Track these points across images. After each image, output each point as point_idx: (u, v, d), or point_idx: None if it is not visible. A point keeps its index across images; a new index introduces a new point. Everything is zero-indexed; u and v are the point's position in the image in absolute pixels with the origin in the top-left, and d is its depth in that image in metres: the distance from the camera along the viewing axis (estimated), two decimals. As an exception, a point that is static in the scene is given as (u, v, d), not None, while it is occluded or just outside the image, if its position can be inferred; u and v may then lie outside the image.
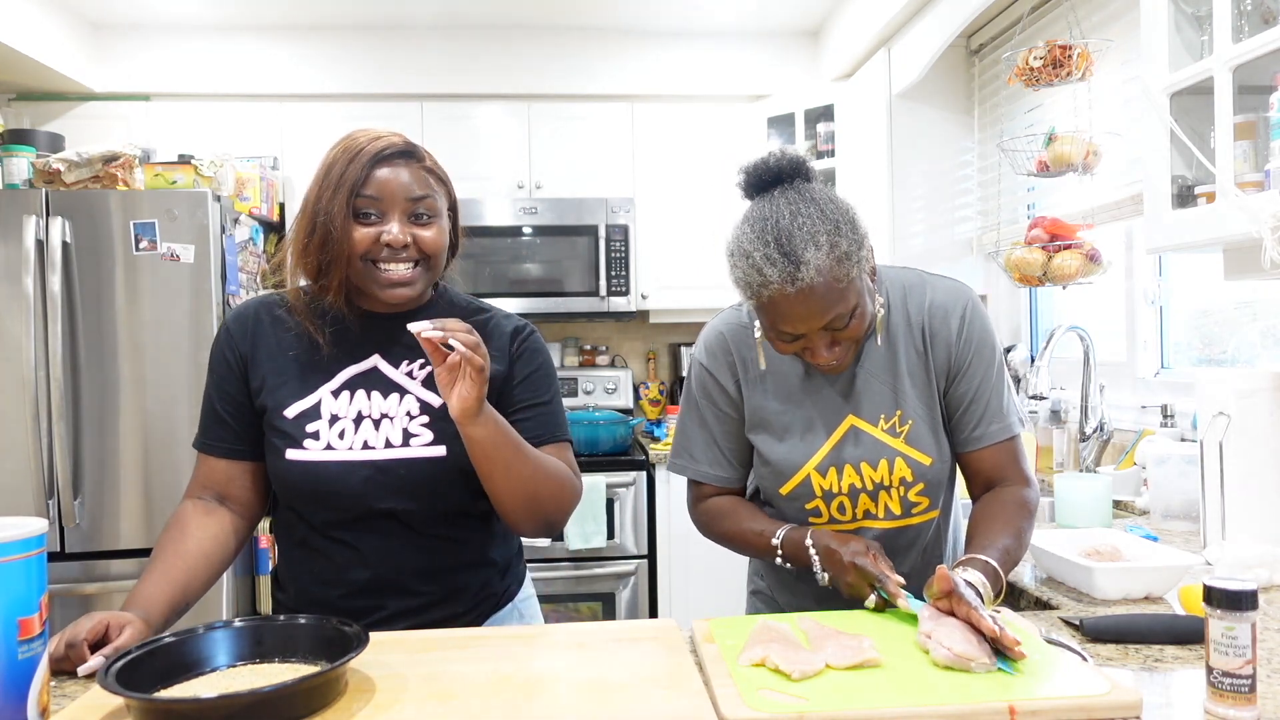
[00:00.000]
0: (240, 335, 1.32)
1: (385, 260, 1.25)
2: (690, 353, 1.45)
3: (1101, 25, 2.46)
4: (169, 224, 2.71)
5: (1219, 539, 1.56)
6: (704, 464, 1.43)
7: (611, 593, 3.27)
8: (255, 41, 3.57)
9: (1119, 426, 2.38)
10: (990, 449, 1.34)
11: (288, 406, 1.28)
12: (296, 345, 1.31)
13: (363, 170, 1.23)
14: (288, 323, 1.32)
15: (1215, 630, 0.91)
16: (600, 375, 3.87)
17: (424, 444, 1.27)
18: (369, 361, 1.31)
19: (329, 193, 1.24)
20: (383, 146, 1.26)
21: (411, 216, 1.26)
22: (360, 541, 1.27)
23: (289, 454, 1.26)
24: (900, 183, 3.16)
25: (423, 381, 1.31)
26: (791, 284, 1.16)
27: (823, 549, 1.26)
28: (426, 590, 1.30)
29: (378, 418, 1.28)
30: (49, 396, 2.65)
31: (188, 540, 1.26)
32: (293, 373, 1.30)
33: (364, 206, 1.24)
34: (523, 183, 3.61)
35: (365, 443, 1.27)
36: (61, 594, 2.65)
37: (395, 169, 1.26)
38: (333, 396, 1.29)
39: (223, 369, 1.32)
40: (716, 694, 0.95)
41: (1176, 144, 1.60)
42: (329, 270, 1.25)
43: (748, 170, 1.26)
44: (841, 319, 1.20)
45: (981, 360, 1.34)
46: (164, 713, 0.89)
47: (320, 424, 1.27)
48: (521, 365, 1.35)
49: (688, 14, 3.54)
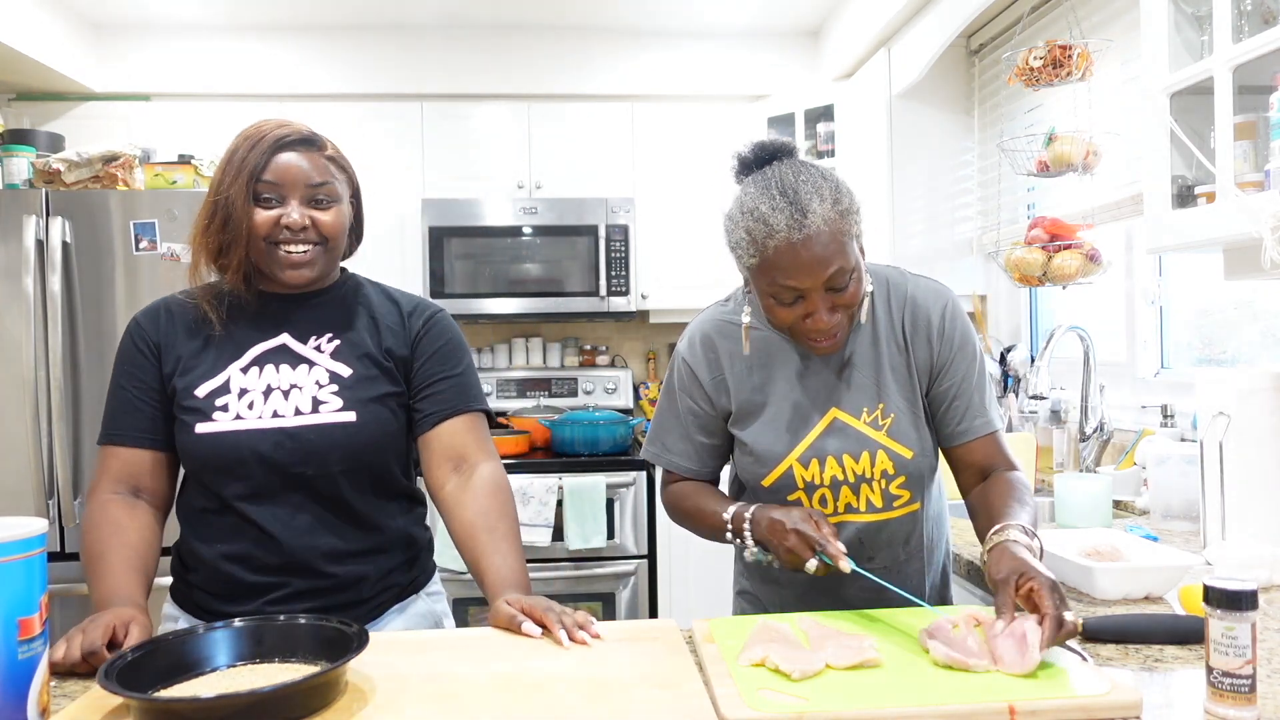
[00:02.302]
0: (151, 327, 1.36)
1: (286, 242, 1.30)
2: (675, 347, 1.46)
3: (1101, 25, 2.46)
4: (169, 224, 2.71)
5: (1219, 539, 1.56)
6: (675, 455, 1.46)
7: (611, 593, 3.27)
8: (255, 41, 3.57)
9: (1119, 426, 2.38)
10: (978, 442, 1.36)
11: (198, 386, 1.31)
12: (205, 330, 1.35)
13: (263, 156, 1.29)
14: (194, 311, 1.36)
15: (1215, 630, 0.91)
16: (600, 375, 3.87)
17: (334, 410, 1.31)
18: (277, 339, 1.35)
19: (230, 177, 1.28)
20: (284, 134, 1.31)
21: (311, 201, 1.31)
22: (271, 518, 1.28)
23: (198, 428, 1.28)
24: (900, 183, 3.16)
25: (331, 354, 1.35)
26: (799, 230, 1.19)
27: (765, 520, 1.27)
28: (332, 573, 1.30)
29: (287, 388, 1.32)
30: (49, 396, 2.65)
31: (128, 531, 1.27)
32: (204, 355, 1.33)
33: (264, 191, 1.29)
34: (523, 183, 3.61)
35: (275, 411, 1.30)
36: (61, 594, 2.65)
37: (295, 155, 1.31)
38: (242, 373, 1.32)
39: (135, 358, 1.35)
40: (716, 694, 0.95)
41: (1176, 144, 1.60)
42: (229, 250, 1.30)
43: (746, 147, 1.31)
44: (843, 275, 1.22)
45: (964, 357, 1.36)
46: (164, 713, 0.90)
47: (229, 398, 1.30)
48: (427, 343, 1.40)
49: (688, 14, 3.54)
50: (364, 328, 1.39)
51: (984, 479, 1.37)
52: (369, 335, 1.38)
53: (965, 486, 1.40)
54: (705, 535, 1.44)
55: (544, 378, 3.84)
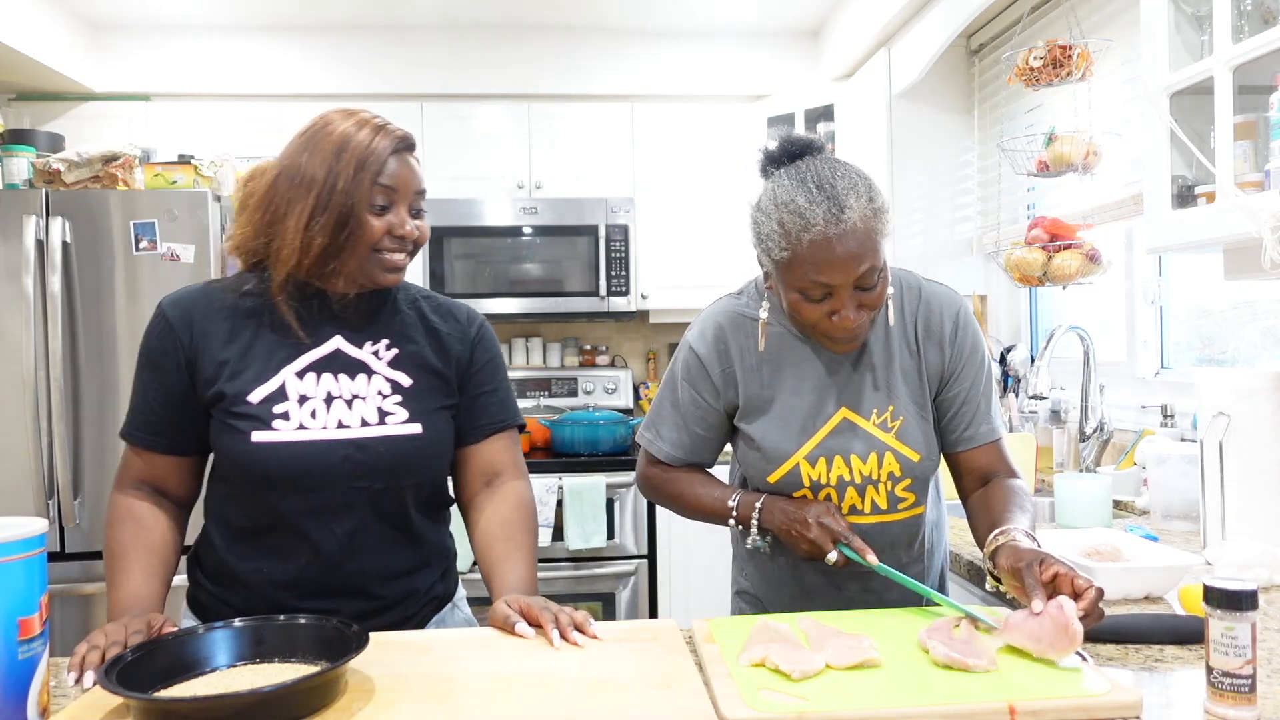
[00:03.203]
0: (182, 325, 1.25)
1: (389, 250, 1.24)
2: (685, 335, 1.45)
3: (1101, 25, 2.46)
4: (169, 224, 2.71)
5: (1219, 539, 1.56)
6: (668, 444, 1.45)
7: (611, 593, 3.27)
8: (255, 41, 3.57)
9: (1119, 426, 2.38)
10: (982, 448, 1.37)
11: (250, 391, 1.22)
12: (247, 330, 1.25)
13: (384, 159, 1.22)
14: (234, 308, 1.26)
15: (1215, 630, 0.91)
16: (600, 375, 3.87)
17: (400, 422, 1.26)
18: (330, 344, 1.27)
19: (347, 177, 1.20)
20: (401, 136, 1.26)
21: (412, 210, 1.27)
22: (328, 537, 1.23)
23: (256, 435, 1.20)
24: (900, 183, 3.16)
25: (389, 363, 1.29)
26: (836, 225, 1.18)
27: (779, 510, 1.30)
28: (382, 594, 1.27)
29: (349, 397, 1.25)
30: (49, 396, 2.65)
31: (151, 534, 1.24)
32: (250, 358, 1.24)
33: (379, 197, 1.22)
34: (523, 183, 3.61)
35: (340, 421, 1.23)
36: (61, 594, 2.65)
37: (409, 159, 1.26)
38: (297, 378, 1.24)
39: (163, 362, 1.25)
40: (716, 694, 0.95)
41: (1176, 144, 1.60)
42: (340, 254, 1.22)
43: (775, 143, 1.30)
44: (873, 274, 1.22)
45: (974, 365, 1.37)
46: (164, 713, 0.90)
47: (289, 405, 1.22)
48: (481, 351, 1.37)
49: (688, 14, 3.54)
50: (420, 335, 1.33)
51: (984, 484, 1.37)
52: (427, 343, 1.33)
53: (965, 491, 1.40)
54: (691, 516, 1.45)
55: (544, 378, 3.84)
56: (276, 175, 1.24)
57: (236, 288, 1.27)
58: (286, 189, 1.22)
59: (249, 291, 1.26)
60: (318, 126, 1.24)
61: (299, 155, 1.23)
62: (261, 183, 1.25)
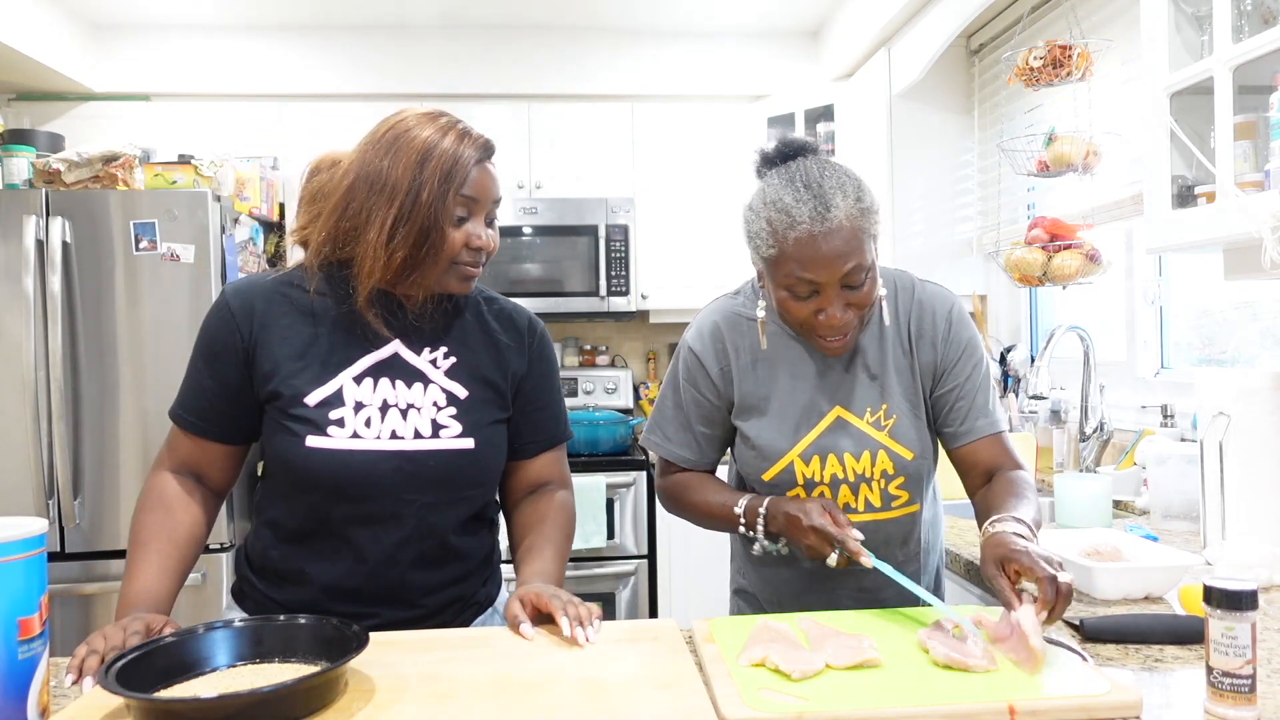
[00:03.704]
0: (244, 316, 1.23)
1: (467, 264, 1.22)
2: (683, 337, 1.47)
3: (1101, 25, 2.46)
4: (169, 224, 2.71)
5: (1219, 539, 1.56)
6: (675, 445, 1.46)
7: (611, 593, 3.27)
8: (255, 41, 3.57)
9: (1119, 426, 2.38)
10: (982, 442, 1.37)
11: (308, 394, 1.20)
12: (308, 328, 1.23)
13: (468, 168, 1.19)
14: (298, 303, 1.24)
15: (1215, 630, 0.91)
16: (600, 375, 3.87)
17: (453, 436, 1.24)
18: (389, 348, 1.25)
19: (434, 184, 1.16)
20: (484, 144, 1.22)
21: (488, 220, 1.24)
22: (374, 545, 1.22)
23: (310, 440, 1.19)
24: (900, 183, 3.16)
25: (446, 372, 1.27)
26: (821, 223, 1.20)
27: (781, 514, 1.29)
28: (424, 604, 1.27)
29: (404, 407, 1.23)
30: (49, 396, 2.65)
31: (178, 526, 1.24)
32: (310, 358, 1.22)
33: (459, 208, 1.19)
34: (523, 183, 3.61)
35: (394, 432, 1.22)
36: (61, 594, 2.65)
37: (487, 169, 1.22)
38: (355, 383, 1.22)
39: (222, 351, 1.23)
40: (716, 694, 0.95)
41: (1176, 144, 1.60)
42: (421, 267, 1.19)
43: (769, 144, 1.32)
44: (860, 273, 1.23)
45: (968, 360, 1.37)
46: (164, 713, 0.89)
47: (344, 411, 1.21)
48: (537, 364, 1.36)
49: (688, 14, 3.54)
50: (479, 344, 1.31)
51: (989, 480, 1.37)
52: (485, 352, 1.31)
53: (971, 489, 1.40)
54: (707, 526, 1.45)
55: (544, 378, 3.83)
56: (354, 179, 1.19)
57: (302, 283, 1.25)
58: (366, 195, 1.18)
59: (319, 292, 1.24)
60: (399, 130, 1.20)
61: (379, 159, 1.18)
62: (337, 181, 1.22)
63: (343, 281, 1.24)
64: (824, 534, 1.23)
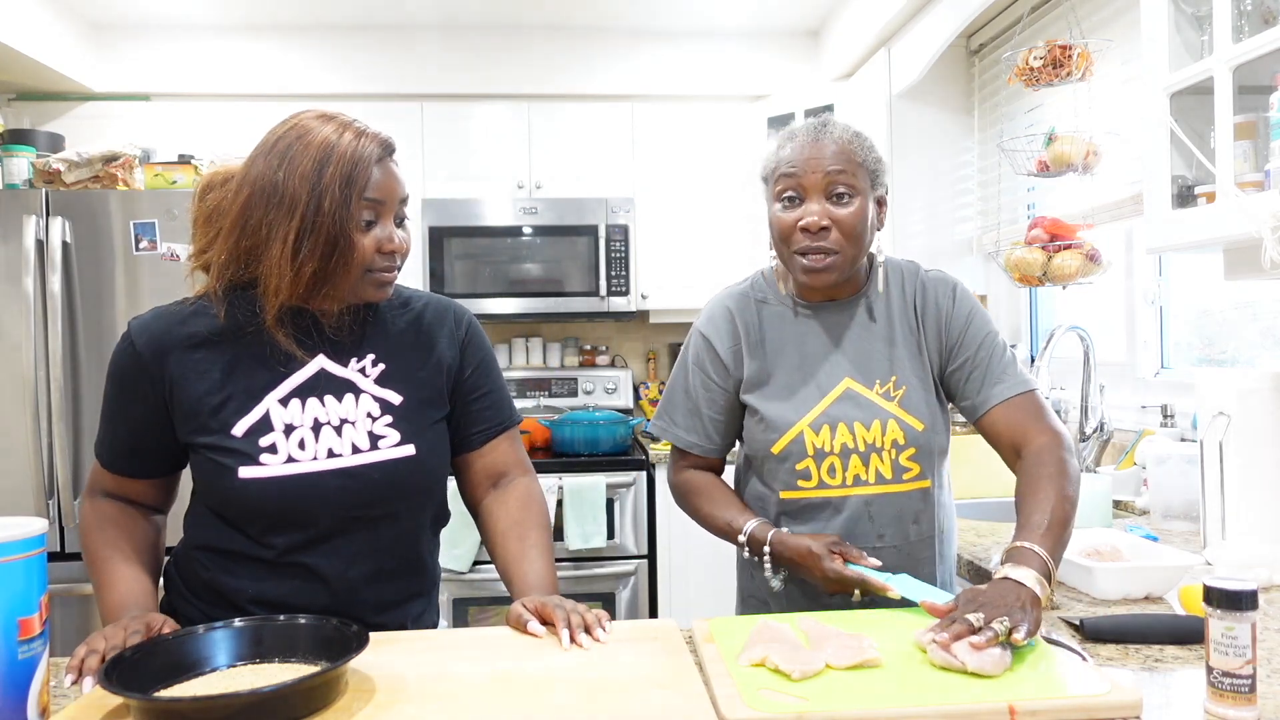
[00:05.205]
0: (153, 357, 1.17)
1: (381, 269, 1.17)
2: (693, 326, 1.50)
3: (1101, 25, 2.46)
4: (169, 224, 2.71)
5: (1219, 539, 1.56)
6: (682, 430, 1.48)
7: (611, 593, 3.26)
8: (255, 41, 3.57)
9: (1119, 426, 2.38)
10: (1000, 408, 1.36)
11: (234, 424, 1.15)
12: (224, 357, 1.17)
13: (369, 169, 1.13)
14: (209, 332, 1.18)
15: (1215, 630, 0.91)
16: (600, 375, 3.87)
17: (393, 445, 1.20)
18: (314, 364, 1.19)
19: (335, 190, 1.10)
20: (384, 141, 1.16)
21: (397, 220, 1.19)
22: (319, 563, 1.18)
23: (244, 471, 1.13)
24: (900, 183, 3.16)
25: (376, 379, 1.22)
26: (815, 135, 1.33)
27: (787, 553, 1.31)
28: (379, 623, 1.20)
29: (337, 423, 1.18)
30: (49, 396, 2.65)
31: (132, 534, 1.22)
32: (230, 387, 1.16)
33: (365, 212, 1.13)
34: (523, 183, 3.61)
35: (330, 450, 1.17)
36: (61, 594, 2.65)
37: (389, 167, 1.16)
38: (281, 405, 1.17)
39: (135, 396, 1.18)
40: (716, 694, 0.95)
41: (1176, 144, 1.59)
42: (331, 278, 1.13)
43: None
44: (845, 181, 1.32)
45: (975, 330, 1.40)
46: (164, 713, 0.90)
47: (275, 436, 1.15)
48: (472, 352, 1.31)
49: (688, 14, 3.54)
50: (406, 346, 1.26)
51: (1018, 454, 1.33)
52: (414, 353, 1.26)
53: (1008, 465, 1.36)
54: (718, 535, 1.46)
55: (544, 378, 3.84)
56: (250, 193, 1.13)
57: (210, 311, 1.18)
58: (264, 210, 1.12)
59: (229, 317, 1.17)
60: (291, 137, 1.13)
61: (274, 170, 1.12)
62: (231, 199, 1.15)
63: (252, 303, 1.17)
64: (841, 580, 1.25)
